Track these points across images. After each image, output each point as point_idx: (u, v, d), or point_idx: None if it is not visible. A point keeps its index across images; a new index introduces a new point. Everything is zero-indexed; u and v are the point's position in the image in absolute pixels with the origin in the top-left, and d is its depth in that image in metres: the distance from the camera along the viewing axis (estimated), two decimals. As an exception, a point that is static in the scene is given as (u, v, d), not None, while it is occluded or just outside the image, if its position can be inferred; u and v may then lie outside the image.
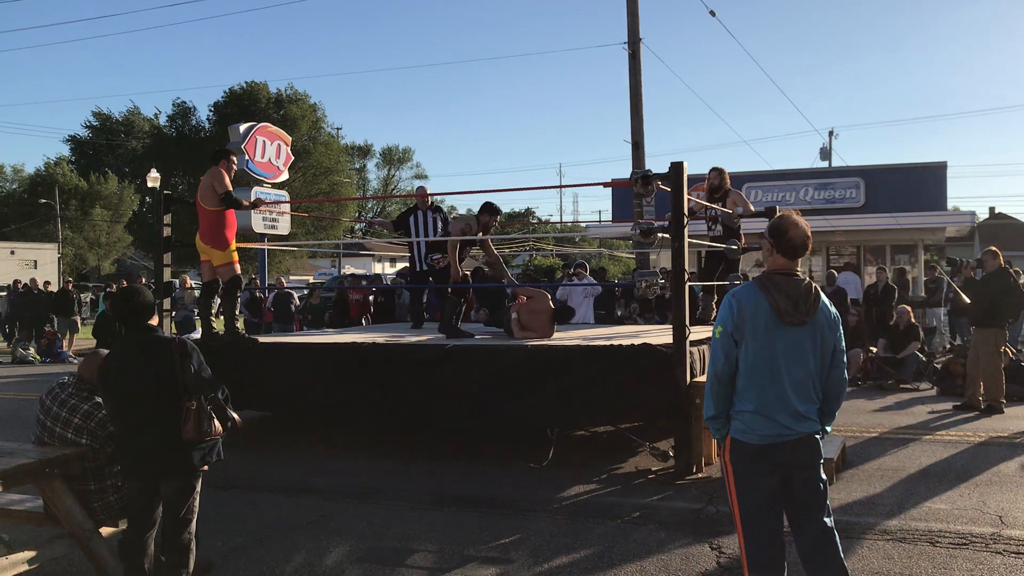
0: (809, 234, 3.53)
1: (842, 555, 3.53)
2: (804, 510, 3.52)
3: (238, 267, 8.30)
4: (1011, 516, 5.62)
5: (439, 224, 10.32)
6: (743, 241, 9.93)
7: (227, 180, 8.01)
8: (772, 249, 3.55)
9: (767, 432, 3.43)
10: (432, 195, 10.63)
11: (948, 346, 14.97)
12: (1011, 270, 10.38)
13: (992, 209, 56.07)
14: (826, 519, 3.50)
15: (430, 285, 9.29)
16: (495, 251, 9.93)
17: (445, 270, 8.93)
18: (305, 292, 19.23)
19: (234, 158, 8.47)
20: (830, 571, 3.49)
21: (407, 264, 15.94)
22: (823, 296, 3.51)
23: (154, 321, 4.41)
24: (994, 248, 10.25)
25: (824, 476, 3.55)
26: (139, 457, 4.20)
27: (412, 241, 10.26)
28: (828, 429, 3.61)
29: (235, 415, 4.48)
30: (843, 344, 3.56)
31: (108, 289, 22.39)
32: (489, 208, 9.11)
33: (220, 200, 7.95)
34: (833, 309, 3.57)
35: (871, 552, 4.92)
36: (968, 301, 10.16)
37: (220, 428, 4.27)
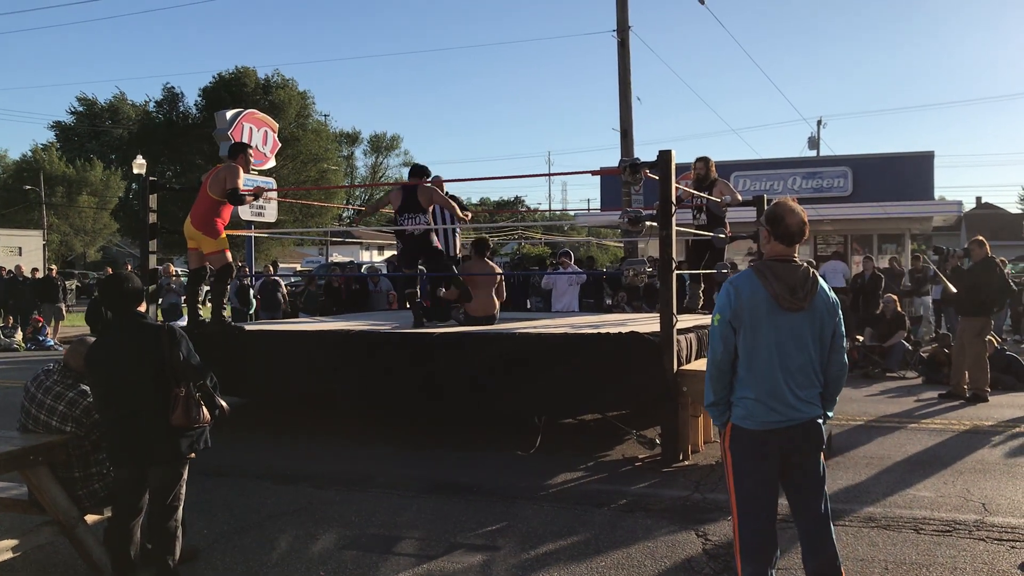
0: (806, 220, 3.55)
1: (835, 542, 3.56)
2: (802, 495, 3.56)
3: (229, 255, 8.37)
4: (995, 503, 5.66)
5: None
6: (729, 230, 9.96)
7: (240, 179, 8.16)
8: (769, 236, 3.56)
9: (768, 418, 3.45)
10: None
11: (934, 335, 15.05)
12: (997, 260, 10.45)
13: (979, 199, 56.69)
14: (822, 505, 3.53)
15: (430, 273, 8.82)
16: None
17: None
18: (295, 279, 19.12)
19: (251, 151, 8.68)
20: (821, 556, 3.53)
21: (395, 252, 15.87)
22: (821, 281, 3.53)
23: (142, 308, 4.38)
24: (981, 238, 10.29)
25: (823, 462, 3.57)
26: (126, 444, 4.18)
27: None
28: (830, 414, 3.63)
29: (223, 402, 4.47)
30: (843, 329, 3.58)
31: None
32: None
33: (226, 193, 8.07)
34: (832, 294, 3.58)
35: (856, 539, 4.96)
36: (955, 290, 10.20)
37: (208, 416, 4.26)
